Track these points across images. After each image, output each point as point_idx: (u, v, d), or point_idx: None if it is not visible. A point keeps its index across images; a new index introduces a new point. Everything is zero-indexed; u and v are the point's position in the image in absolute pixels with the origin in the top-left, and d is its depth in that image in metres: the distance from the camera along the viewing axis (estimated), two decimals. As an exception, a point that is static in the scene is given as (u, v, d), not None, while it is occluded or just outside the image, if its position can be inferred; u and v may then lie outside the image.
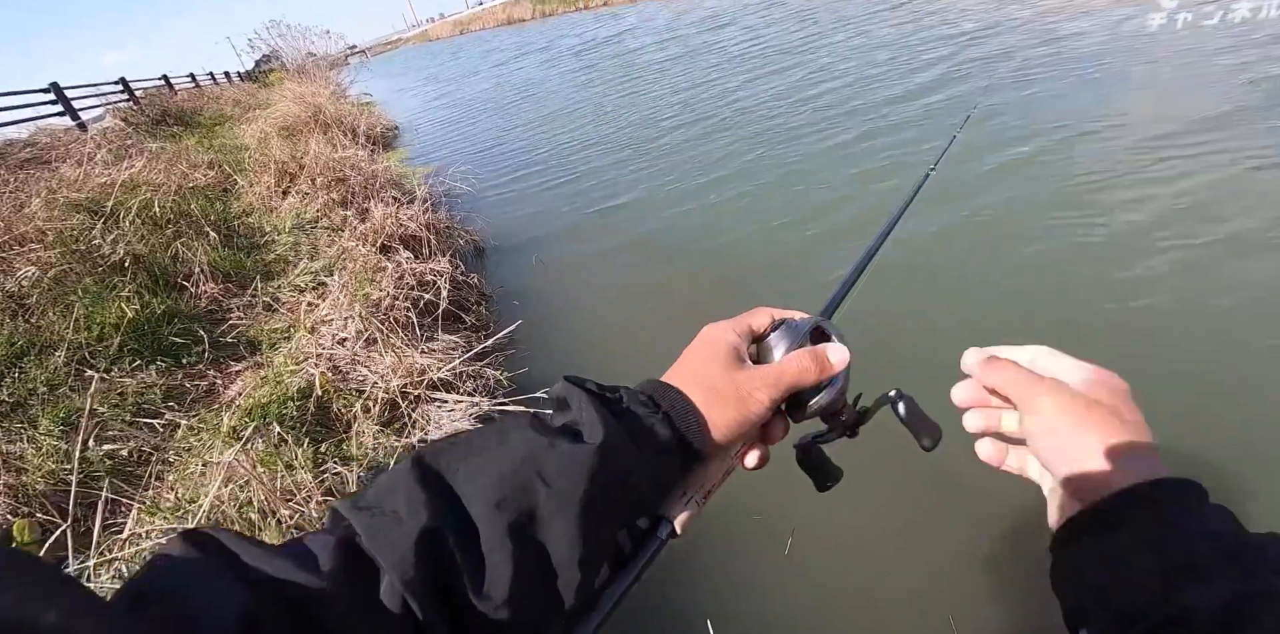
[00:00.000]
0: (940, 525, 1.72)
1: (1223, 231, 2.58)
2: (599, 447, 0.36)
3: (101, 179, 4.60)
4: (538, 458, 0.35)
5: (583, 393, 0.39)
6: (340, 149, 6.24)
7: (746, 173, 4.45)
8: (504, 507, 0.33)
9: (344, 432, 2.29)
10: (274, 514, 1.65)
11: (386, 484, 0.35)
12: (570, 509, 0.34)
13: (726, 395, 0.42)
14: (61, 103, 8.40)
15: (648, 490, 0.39)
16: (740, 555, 1.78)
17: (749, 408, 0.42)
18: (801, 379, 0.44)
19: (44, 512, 1.88)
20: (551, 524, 0.34)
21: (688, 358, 0.45)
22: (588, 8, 33.94)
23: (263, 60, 22.35)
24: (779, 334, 0.47)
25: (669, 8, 18.91)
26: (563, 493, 0.34)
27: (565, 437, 0.37)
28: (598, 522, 0.35)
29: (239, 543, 0.31)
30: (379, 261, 3.55)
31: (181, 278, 3.49)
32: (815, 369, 0.45)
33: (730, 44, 9.60)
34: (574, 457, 0.35)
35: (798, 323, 0.48)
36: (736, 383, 0.42)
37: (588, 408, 0.38)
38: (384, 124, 10.30)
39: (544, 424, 0.38)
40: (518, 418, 0.39)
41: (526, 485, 0.34)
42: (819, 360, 0.45)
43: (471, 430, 0.39)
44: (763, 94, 6.34)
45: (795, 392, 0.45)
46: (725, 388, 0.42)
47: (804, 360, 0.44)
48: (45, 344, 2.65)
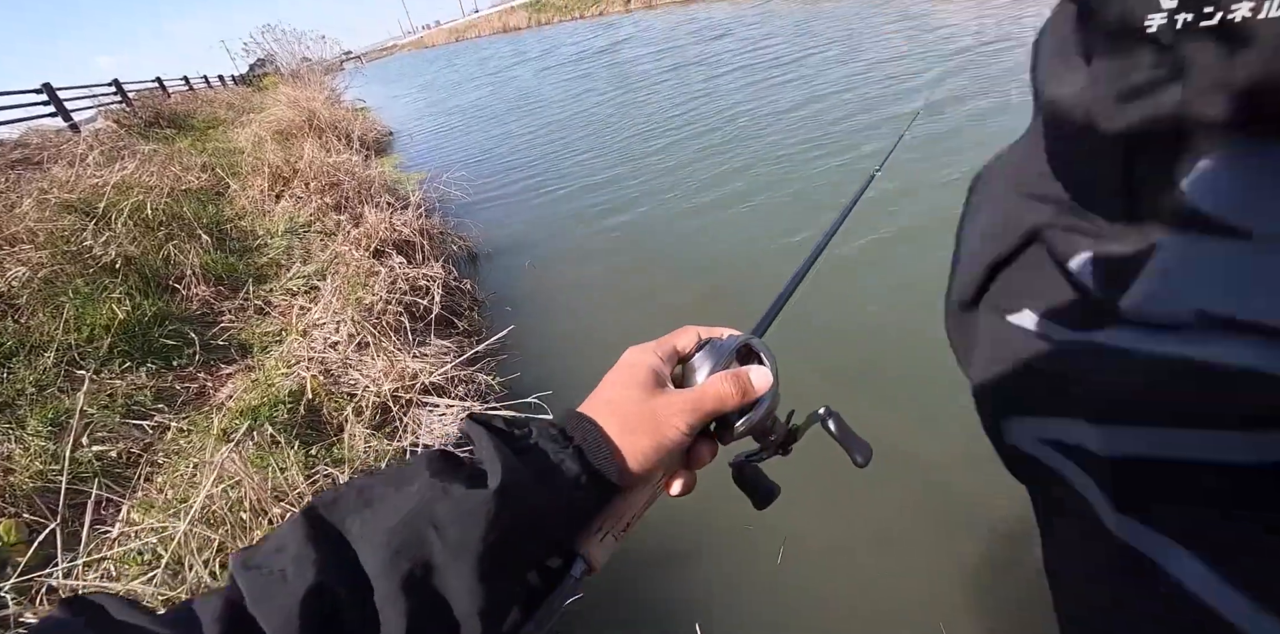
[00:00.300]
0: (933, 534, 1.74)
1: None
2: (496, 490, 0.34)
3: (93, 180, 4.59)
4: (432, 506, 0.33)
5: (484, 431, 0.38)
6: (334, 154, 6.27)
7: (742, 183, 4.51)
8: (397, 559, 0.32)
9: (335, 435, 2.30)
10: (265, 514, 1.66)
11: (277, 539, 0.33)
12: (468, 558, 0.33)
13: (642, 423, 0.40)
14: (54, 103, 8.37)
15: (557, 530, 0.37)
16: (732, 565, 1.80)
17: (666, 435, 0.40)
18: (723, 404, 0.43)
19: (31, 512, 1.88)
20: (449, 575, 0.32)
21: (605, 384, 0.43)
22: (583, 17, 34.26)
23: (257, 64, 22.32)
24: (703, 354, 0.45)
25: (664, 19, 19.12)
26: (459, 542, 0.33)
27: (463, 481, 0.35)
28: (501, 569, 0.34)
29: (122, 609, 0.30)
30: (372, 266, 3.57)
31: (173, 280, 3.49)
32: (737, 393, 0.43)
33: (726, 55, 9.71)
34: (470, 503, 0.33)
35: (723, 342, 0.46)
36: (653, 409, 0.41)
37: (487, 447, 0.37)
38: (378, 130, 10.33)
39: (447, 466, 0.37)
40: (421, 460, 0.37)
41: (421, 536, 0.32)
42: (741, 384, 0.43)
43: (373, 474, 0.37)
44: (763, 108, 6.42)
45: (719, 416, 0.43)
46: (641, 415, 0.41)
47: (724, 385, 0.43)
48: (35, 345, 2.64)
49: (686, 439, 0.41)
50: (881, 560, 1.71)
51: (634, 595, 1.75)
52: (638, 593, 1.76)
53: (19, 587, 1.57)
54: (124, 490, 1.88)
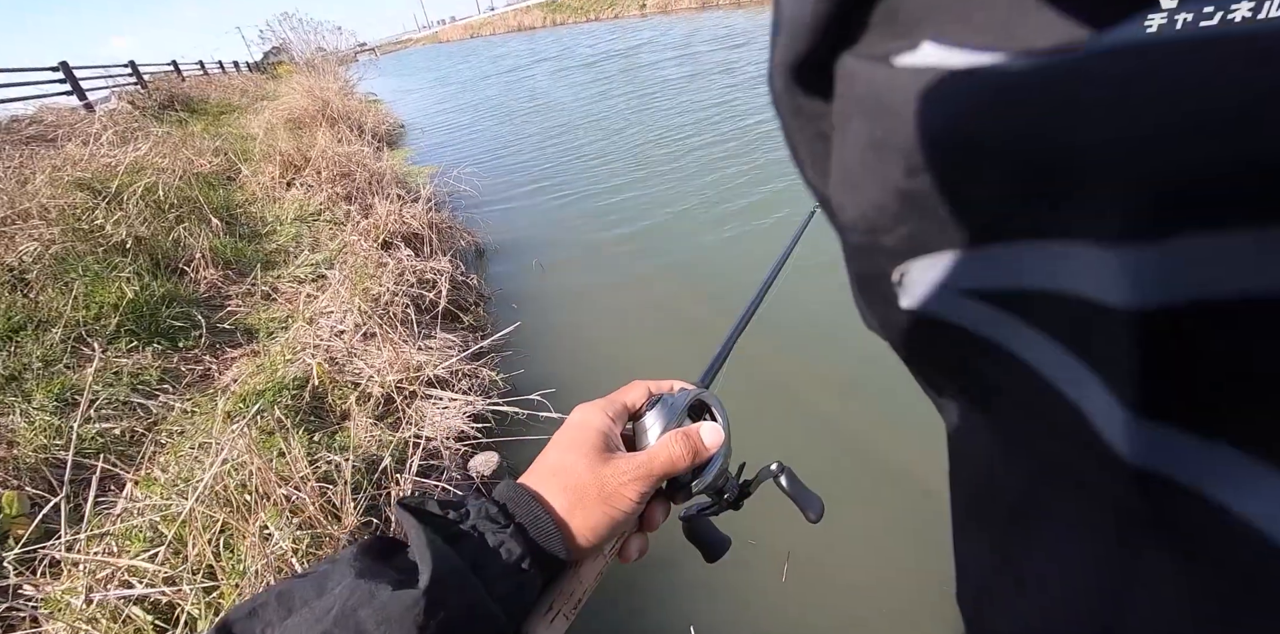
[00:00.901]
0: (941, 553, 1.76)
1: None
2: (426, 589, 0.31)
3: (107, 159, 4.61)
4: (357, 614, 0.30)
5: (412, 519, 0.35)
6: (346, 144, 6.30)
7: (759, 197, 4.50)
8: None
9: (338, 423, 2.32)
10: (269, 497, 1.67)
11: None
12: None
13: (590, 494, 0.38)
14: (70, 82, 8.39)
15: (499, 621, 0.34)
16: (735, 580, 1.78)
17: (617, 506, 0.38)
18: (675, 466, 0.41)
19: (34, 485, 1.89)
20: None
21: (551, 450, 0.41)
22: (598, 19, 34.43)
23: (272, 52, 22.40)
24: (655, 413, 0.44)
25: (682, 24, 19.21)
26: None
27: (390, 580, 0.32)
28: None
29: None
30: (380, 257, 3.59)
31: (182, 262, 3.51)
32: (688, 454, 0.42)
33: (748, 66, 9.67)
34: (397, 606, 0.30)
35: (674, 398, 0.45)
36: (602, 479, 0.39)
37: (416, 538, 0.34)
38: (390, 122, 10.38)
39: (375, 563, 0.34)
40: (348, 555, 0.34)
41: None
42: (691, 444, 0.42)
43: (297, 577, 0.34)
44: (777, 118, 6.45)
45: (671, 478, 0.42)
46: (589, 486, 0.38)
47: (675, 447, 0.41)
48: (43, 320, 2.66)
49: (638, 507, 0.39)
50: (887, 578, 1.71)
51: (629, 614, 1.76)
52: (636, 609, 1.77)
53: (21, 558, 1.58)
54: (128, 468, 1.89)
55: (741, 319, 0.59)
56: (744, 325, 0.58)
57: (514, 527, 0.36)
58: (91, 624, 1.41)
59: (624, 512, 0.39)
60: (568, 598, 0.39)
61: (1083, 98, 0.15)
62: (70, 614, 1.43)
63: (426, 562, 0.32)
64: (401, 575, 0.32)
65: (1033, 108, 0.16)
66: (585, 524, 0.38)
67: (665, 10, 30.37)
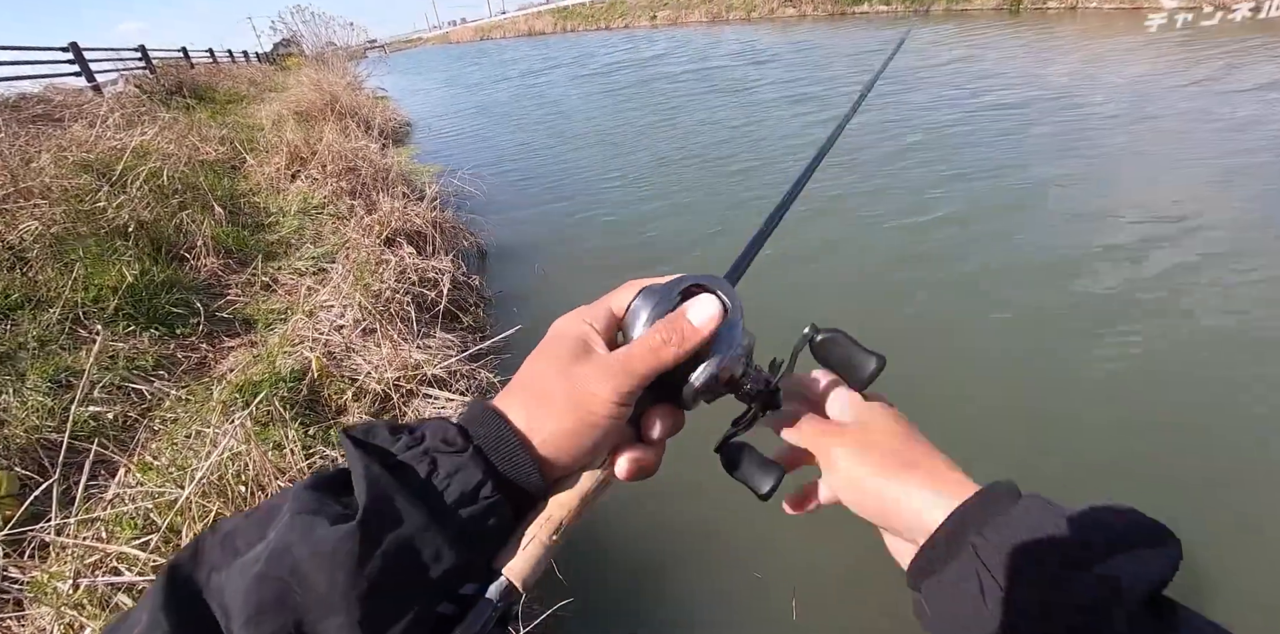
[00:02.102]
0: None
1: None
2: (359, 522, 0.28)
3: (113, 142, 4.59)
4: (291, 550, 0.28)
5: (351, 446, 0.31)
6: (353, 139, 6.30)
7: (757, 205, 4.55)
8: (259, 621, 0.26)
9: (334, 418, 2.31)
10: (264, 488, 1.67)
11: (136, 608, 0.28)
12: (340, 611, 0.27)
13: (557, 400, 0.33)
14: (79, 63, 8.36)
15: (456, 557, 0.30)
16: (743, 619, 1.74)
17: (591, 410, 0.33)
18: (659, 358, 0.34)
19: (24, 466, 1.87)
20: (324, 631, 0.27)
21: (523, 367, 0.36)
22: (609, 28, 34.70)
23: (282, 44, 22.36)
24: (640, 301, 0.37)
25: (697, 37, 19.39)
26: (326, 593, 0.27)
27: (330, 515, 0.29)
28: (387, 613, 0.28)
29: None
30: (382, 254, 3.59)
31: (184, 249, 3.49)
32: (674, 339, 0.34)
33: (765, 85, 9.63)
34: (331, 541, 0.27)
35: (667, 284, 0.37)
36: (572, 381, 0.33)
37: (354, 465, 0.30)
38: (397, 119, 10.39)
39: (318, 495, 0.30)
40: (292, 490, 0.31)
41: (282, 590, 0.27)
42: (675, 328, 0.35)
43: (243, 514, 0.31)
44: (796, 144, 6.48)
45: (663, 373, 0.35)
46: (557, 391, 0.34)
47: (654, 334, 0.35)
48: (41, 299, 2.64)
49: (619, 409, 0.34)
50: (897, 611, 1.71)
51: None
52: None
53: (9, 540, 1.56)
54: (121, 453, 1.88)
55: (777, 209, 0.49)
56: (780, 217, 0.49)
57: (472, 449, 0.32)
58: (78, 610, 1.40)
59: (600, 416, 0.33)
60: (546, 523, 0.34)
61: None
62: (56, 598, 1.42)
63: (362, 491, 0.29)
64: (346, 510, 0.29)
65: None
66: (555, 436, 0.33)
67: (675, 22, 30.69)
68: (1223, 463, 2.00)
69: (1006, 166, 4.74)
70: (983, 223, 3.88)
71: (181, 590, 0.28)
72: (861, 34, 14.93)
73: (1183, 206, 3.69)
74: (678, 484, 1.97)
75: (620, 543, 1.95)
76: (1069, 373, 2.48)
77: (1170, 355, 2.52)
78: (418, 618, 0.29)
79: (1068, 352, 2.61)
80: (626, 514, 2.02)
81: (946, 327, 2.88)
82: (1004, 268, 3.32)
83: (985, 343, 2.73)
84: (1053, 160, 4.79)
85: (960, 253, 3.52)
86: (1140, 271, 3.11)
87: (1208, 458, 2.02)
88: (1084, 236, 3.51)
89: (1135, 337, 2.62)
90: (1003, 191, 4.29)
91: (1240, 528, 1.79)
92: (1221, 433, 2.11)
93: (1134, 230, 3.51)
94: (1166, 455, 2.04)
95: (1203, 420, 2.17)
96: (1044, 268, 3.25)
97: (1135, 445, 2.09)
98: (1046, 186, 4.28)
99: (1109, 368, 2.47)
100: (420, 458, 0.31)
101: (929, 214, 4.05)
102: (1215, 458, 2.02)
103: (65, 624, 1.37)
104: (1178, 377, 2.40)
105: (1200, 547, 1.74)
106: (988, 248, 3.57)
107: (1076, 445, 2.14)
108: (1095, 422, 2.23)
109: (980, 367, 2.58)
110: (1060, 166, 4.64)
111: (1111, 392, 2.36)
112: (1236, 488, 1.91)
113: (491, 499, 0.32)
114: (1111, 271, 3.13)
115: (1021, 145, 5.24)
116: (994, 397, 2.41)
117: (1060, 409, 2.30)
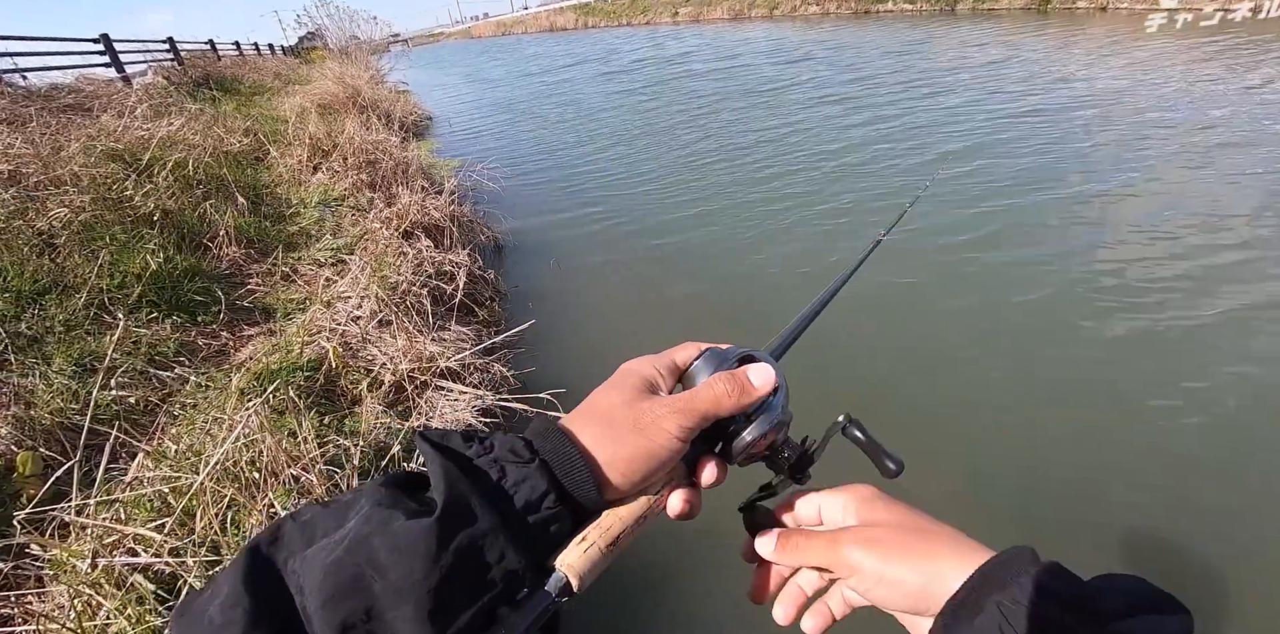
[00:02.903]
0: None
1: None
2: (437, 519, 0.30)
3: (140, 132, 4.67)
4: (369, 542, 0.30)
5: (431, 451, 0.34)
6: (374, 132, 6.36)
7: (804, 230, 4.27)
8: (334, 605, 0.28)
9: (349, 407, 2.33)
10: (277, 475, 1.69)
11: (217, 582, 0.30)
12: (410, 600, 0.29)
13: (623, 427, 0.37)
14: (109, 54, 8.53)
15: (519, 560, 0.32)
16: (749, 621, 1.66)
17: (653, 439, 0.36)
18: (718, 404, 0.38)
19: (48, 447, 1.92)
20: (392, 620, 0.29)
21: (592, 395, 0.40)
22: (630, 24, 34.66)
23: (306, 37, 22.61)
24: (703, 361, 0.42)
25: (723, 36, 19.29)
26: (399, 582, 0.29)
27: (406, 510, 0.31)
28: (452, 605, 0.30)
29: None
30: (400, 246, 3.62)
31: (206, 238, 3.55)
32: (734, 392, 0.39)
33: (792, 87, 9.38)
34: (409, 536, 0.30)
35: (725, 350, 0.43)
36: (638, 413, 0.37)
37: (434, 469, 0.33)
38: (418, 113, 10.47)
39: (395, 493, 0.33)
40: (370, 486, 0.34)
41: (358, 577, 0.29)
42: (738, 383, 0.39)
43: (321, 504, 0.34)
44: (826, 151, 6.44)
45: (717, 421, 0.40)
46: (624, 418, 0.37)
47: (719, 383, 0.39)
48: (68, 285, 2.69)
49: (678, 444, 0.37)
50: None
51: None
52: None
53: (31, 518, 1.60)
54: (140, 437, 1.91)
55: (826, 295, 0.55)
56: (826, 303, 0.54)
57: (538, 462, 0.35)
58: (95, 588, 1.42)
59: (662, 445, 0.37)
60: (604, 531, 0.36)
61: None
62: (75, 577, 1.45)
63: (440, 491, 0.32)
64: (421, 507, 0.32)
65: None
66: (617, 459, 0.36)
67: (697, 19, 30.57)
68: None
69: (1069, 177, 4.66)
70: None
71: (261, 568, 0.30)
72: (887, 32, 14.74)
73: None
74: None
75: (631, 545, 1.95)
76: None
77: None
78: (479, 614, 0.31)
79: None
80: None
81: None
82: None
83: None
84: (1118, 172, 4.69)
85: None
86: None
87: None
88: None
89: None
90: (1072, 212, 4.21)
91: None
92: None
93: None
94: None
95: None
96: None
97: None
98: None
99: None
100: (491, 465, 0.34)
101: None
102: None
103: (83, 602, 1.39)
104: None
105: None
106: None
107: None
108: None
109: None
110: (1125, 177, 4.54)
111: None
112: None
113: (555, 509, 0.34)
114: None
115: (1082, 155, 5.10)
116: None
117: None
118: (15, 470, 1.80)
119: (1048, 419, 2.28)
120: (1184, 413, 2.21)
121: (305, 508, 0.34)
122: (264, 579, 0.30)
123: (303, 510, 0.34)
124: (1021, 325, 2.82)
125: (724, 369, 0.41)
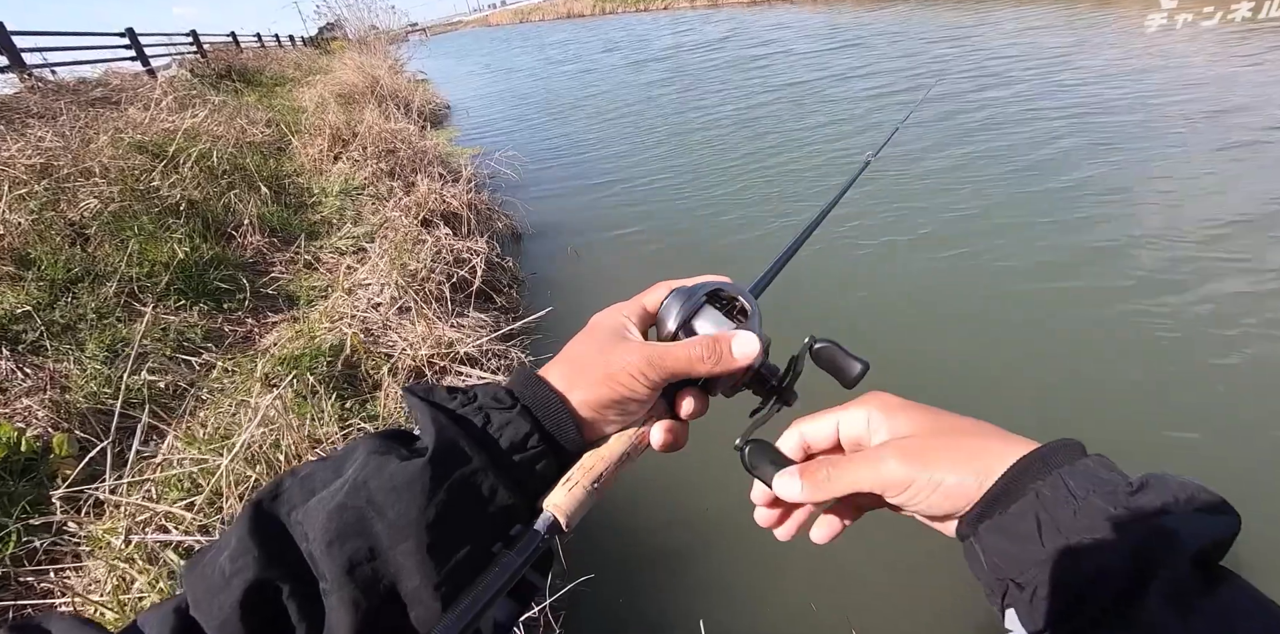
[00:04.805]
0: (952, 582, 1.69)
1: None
2: (429, 460, 0.32)
3: (166, 124, 4.75)
4: (367, 485, 0.32)
5: (418, 401, 0.36)
6: (393, 121, 6.40)
7: (827, 230, 4.22)
8: (339, 544, 0.30)
9: (370, 392, 2.37)
10: (300, 458, 1.73)
11: (223, 538, 0.32)
12: (409, 536, 0.31)
13: (594, 372, 0.38)
14: (135, 48, 8.67)
15: (509, 496, 0.34)
16: (758, 608, 1.69)
17: (622, 383, 0.37)
18: (691, 366, 0.38)
19: (82, 430, 1.98)
20: (394, 556, 0.31)
21: (567, 346, 0.41)
22: (647, 10, 34.24)
23: (326, 28, 22.76)
24: (670, 300, 0.41)
25: (755, 19, 18.94)
26: (399, 519, 0.31)
27: (399, 455, 0.33)
28: (450, 539, 0.32)
29: (70, 630, 0.30)
30: (419, 234, 3.65)
31: (231, 227, 3.61)
32: (710, 358, 0.38)
33: (822, 72, 9.16)
34: (404, 476, 0.32)
35: (692, 287, 0.42)
36: (609, 359, 0.38)
37: (422, 417, 0.35)
38: (436, 102, 10.50)
39: (388, 442, 0.35)
40: (363, 439, 0.36)
41: (361, 516, 0.31)
42: (717, 351, 0.39)
43: (317, 461, 0.36)
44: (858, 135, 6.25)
45: (688, 378, 0.39)
46: (595, 365, 0.38)
47: (697, 348, 0.38)
48: (99, 274, 2.76)
49: (647, 394, 0.38)
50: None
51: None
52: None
53: (68, 497, 1.66)
54: (170, 420, 1.97)
55: (805, 229, 0.55)
56: (807, 236, 0.54)
57: (520, 407, 0.37)
58: (129, 563, 1.48)
59: (628, 390, 0.38)
60: (587, 472, 0.38)
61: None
62: (110, 553, 1.50)
63: (430, 436, 0.34)
64: (413, 454, 0.34)
65: None
66: (588, 400, 0.38)
67: (715, 4, 30.08)
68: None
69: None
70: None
71: (265, 519, 0.32)
72: (928, 15, 14.30)
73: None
74: (702, 478, 1.98)
75: (642, 529, 1.96)
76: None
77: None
78: (475, 549, 0.33)
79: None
80: (651, 503, 2.03)
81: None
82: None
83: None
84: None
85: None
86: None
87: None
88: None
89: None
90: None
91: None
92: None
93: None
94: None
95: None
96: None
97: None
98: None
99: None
100: (475, 413, 0.36)
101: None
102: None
103: (119, 576, 1.45)
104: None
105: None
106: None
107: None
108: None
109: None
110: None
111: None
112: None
113: (538, 448, 0.36)
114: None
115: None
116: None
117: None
118: (52, 451, 1.86)
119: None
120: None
121: (304, 464, 0.36)
122: (268, 528, 0.32)
123: (302, 466, 0.35)
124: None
125: (690, 306, 0.41)
